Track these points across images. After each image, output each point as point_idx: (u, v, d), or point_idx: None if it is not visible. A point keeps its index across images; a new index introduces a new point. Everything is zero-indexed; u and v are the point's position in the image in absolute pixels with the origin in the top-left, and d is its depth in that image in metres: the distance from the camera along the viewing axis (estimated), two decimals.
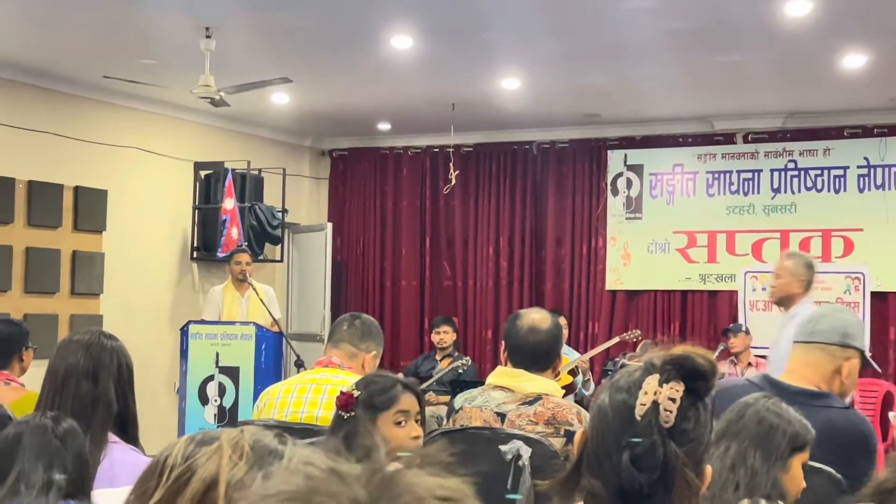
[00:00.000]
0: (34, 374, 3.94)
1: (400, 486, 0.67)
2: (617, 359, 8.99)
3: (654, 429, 1.60)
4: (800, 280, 5.51)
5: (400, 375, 3.13)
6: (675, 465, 1.59)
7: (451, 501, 0.67)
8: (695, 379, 1.63)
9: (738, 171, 10.04)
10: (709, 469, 1.67)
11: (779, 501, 2.34)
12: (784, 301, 5.55)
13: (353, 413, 2.78)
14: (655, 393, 1.61)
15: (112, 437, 2.94)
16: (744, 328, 8.64)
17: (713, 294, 10.12)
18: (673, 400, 1.60)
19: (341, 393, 2.85)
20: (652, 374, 1.64)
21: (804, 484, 2.48)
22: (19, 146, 8.40)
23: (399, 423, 2.85)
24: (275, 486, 0.67)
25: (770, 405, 2.51)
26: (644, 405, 1.61)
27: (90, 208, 8.98)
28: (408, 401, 2.86)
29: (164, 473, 1.11)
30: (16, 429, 2.44)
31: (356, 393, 2.83)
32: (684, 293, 10.23)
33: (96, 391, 2.92)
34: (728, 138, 10.12)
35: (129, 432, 3.03)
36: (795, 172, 9.86)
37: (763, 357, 8.74)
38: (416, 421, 2.90)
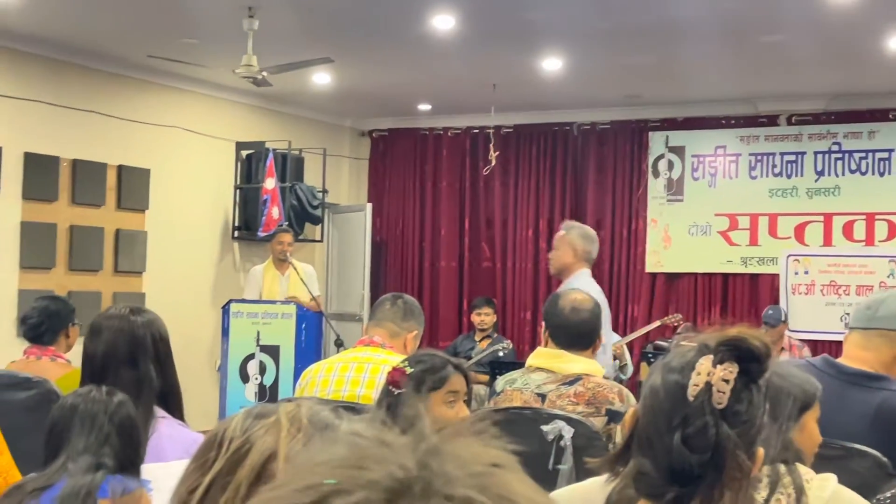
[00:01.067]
0: (80, 351, 3.99)
1: (446, 454, 0.67)
2: (658, 341, 8.96)
3: (707, 410, 1.60)
4: (575, 251, 5.64)
5: None
6: (727, 447, 1.59)
7: (498, 468, 0.68)
8: (749, 361, 1.62)
9: (782, 154, 9.95)
10: (760, 451, 1.66)
11: (796, 464, 2.33)
12: (561, 271, 5.69)
13: (403, 390, 2.79)
14: (709, 374, 1.61)
15: (160, 411, 2.97)
16: (783, 319, 8.46)
17: (755, 277, 10.05)
18: (726, 381, 1.60)
19: (393, 369, 2.86)
20: (706, 355, 1.63)
21: (820, 438, 2.46)
22: (64, 125, 8.48)
23: (449, 402, 2.86)
24: (323, 454, 0.68)
25: (774, 368, 2.51)
26: (697, 386, 1.61)
27: (133, 187, 9.06)
28: (457, 381, 2.87)
29: (224, 445, 1.12)
30: (72, 400, 2.47)
31: (408, 370, 2.83)
32: (725, 276, 10.16)
33: (138, 375, 2.92)
34: (771, 120, 10.03)
35: (171, 406, 3.05)
36: (839, 155, 9.76)
37: (803, 341, 8.69)
38: (464, 402, 2.90)
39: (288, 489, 0.66)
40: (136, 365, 2.95)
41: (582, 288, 5.46)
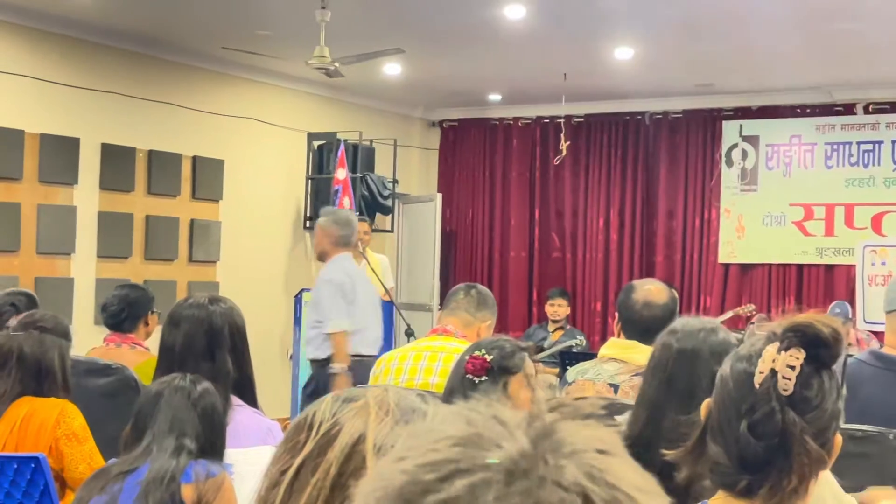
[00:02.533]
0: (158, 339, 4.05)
1: (560, 435, 0.69)
2: (743, 330, 8.84)
3: (773, 396, 1.60)
4: (329, 236, 5.99)
5: None
6: (793, 433, 1.58)
7: (609, 455, 0.69)
8: (816, 347, 1.61)
9: (858, 143, 9.80)
10: (838, 438, 1.65)
11: None
12: (322, 256, 6.11)
13: (485, 378, 2.82)
14: (773, 361, 1.61)
15: (235, 400, 3.01)
16: (850, 316, 8.24)
17: (830, 268, 9.91)
18: (792, 368, 1.60)
19: (473, 357, 2.88)
20: (773, 343, 1.63)
21: None
22: (140, 117, 8.62)
23: (527, 385, 2.90)
24: (442, 429, 0.70)
25: None
26: (762, 373, 1.61)
27: (208, 178, 9.18)
28: (530, 365, 2.91)
29: (314, 428, 1.15)
30: (157, 387, 2.53)
31: (489, 357, 2.86)
32: (800, 267, 10.04)
33: (214, 367, 2.97)
34: (848, 109, 9.87)
35: (246, 396, 3.09)
36: None
37: (872, 332, 8.52)
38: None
39: (411, 463, 0.68)
40: (213, 357, 2.99)
41: (331, 271, 5.96)
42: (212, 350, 3.00)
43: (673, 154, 10.63)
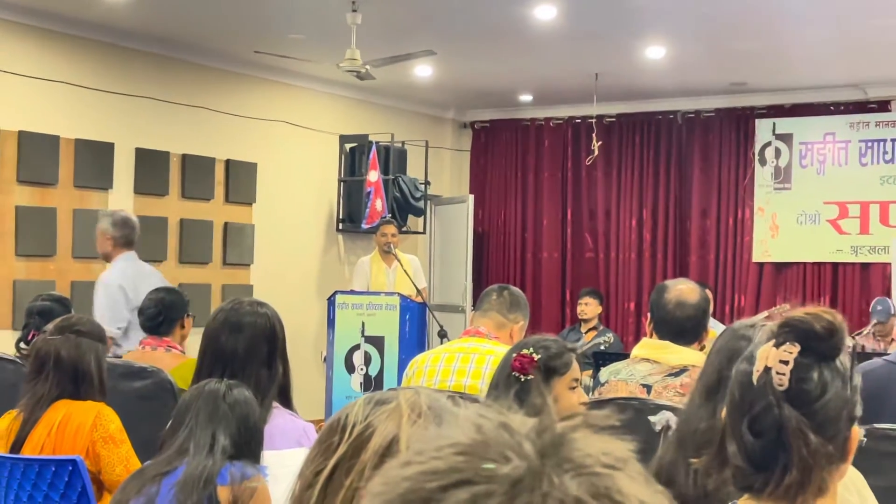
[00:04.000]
0: (194, 342, 4.08)
1: (567, 447, 0.69)
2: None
3: (769, 392, 1.60)
4: (106, 237, 6.11)
5: None
6: (790, 427, 1.58)
7: (616, 469, 0.69)
8: (809, 340, 1.61)
9: (893, 140, 9.72)
10: (855, 430, 1.64)
11: None
12: (106, 258, 6.22)
13: (530, 376, 2.82)
14: (767, 357, 1.61)
15: (273, 402, 3.04)
16: (892, 312, 8.21)
17: (865, 266, 9.84)
18: (785, 362, 1.59)
19: (519, 355, 2.88)
20: (770, 340, 1.63)
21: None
22: (173, 121, 8.68)
23: (572, 388, 2.90)
24: (449, 435, 0.70)
25: None
26: (758, 370, 1.61)
27: (241, 181, 9.24)
28: (577, 367, 2.91)
29: (347, 430, 1.16)
30: (194, 391, 2.55)
31: (536, 356, 2.86)
32: (835, 265, 9.97)
33: (271, 374, 3.01)
34: (882, 106, 9.79)
35: (285, 398, 3.12)
36: None
37: None
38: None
39: (415, 470, 0.68)
40: (271, 363, 3.02)
41: (108, 275, 6.05)
42: (272, 356, 3.04)
43: (706, 153, 10.58)
